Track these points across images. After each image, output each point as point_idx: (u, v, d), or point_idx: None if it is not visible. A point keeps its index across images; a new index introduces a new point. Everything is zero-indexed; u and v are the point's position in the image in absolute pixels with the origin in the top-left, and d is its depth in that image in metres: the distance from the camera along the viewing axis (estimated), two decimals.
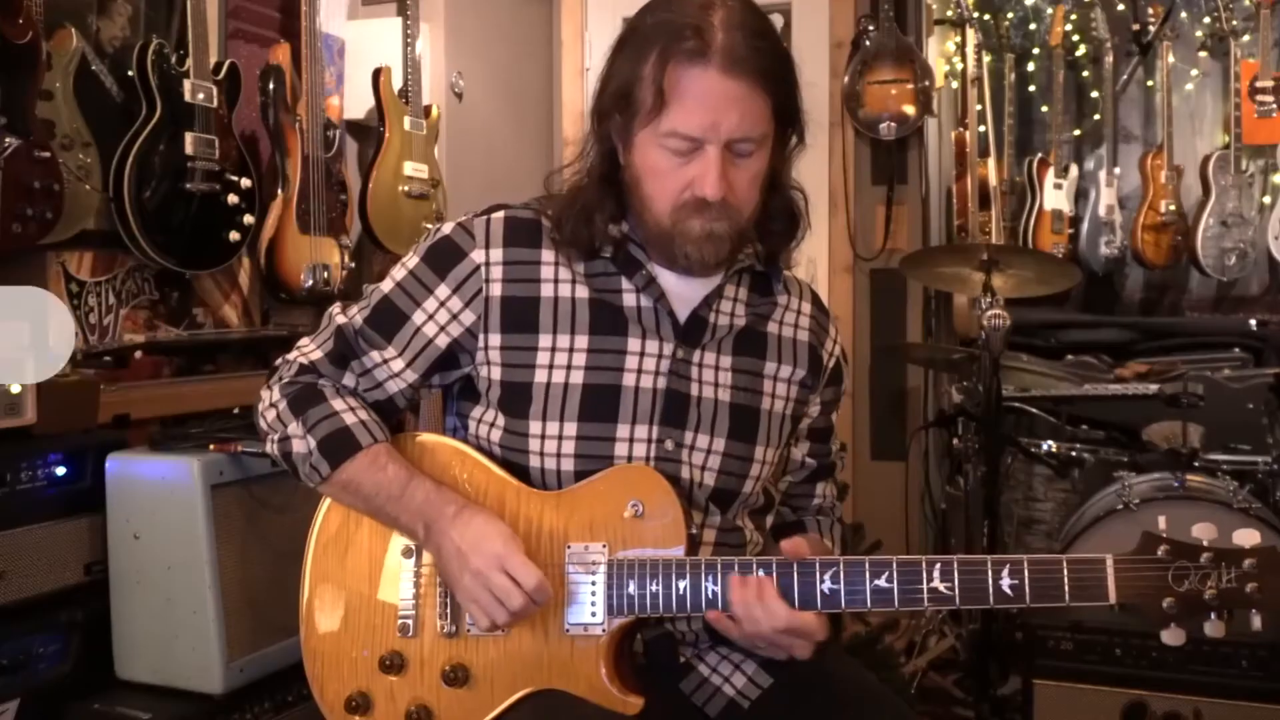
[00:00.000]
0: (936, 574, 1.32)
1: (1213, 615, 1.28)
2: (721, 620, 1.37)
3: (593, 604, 1.39)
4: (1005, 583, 1.30)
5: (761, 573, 1.35)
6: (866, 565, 1.33)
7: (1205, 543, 1.29)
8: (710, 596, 1.36)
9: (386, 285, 1.52)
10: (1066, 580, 1.29)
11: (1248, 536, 1.28)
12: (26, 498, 1.95)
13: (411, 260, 1.51)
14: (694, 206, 1.40)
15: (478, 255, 1.48)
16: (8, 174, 2.15)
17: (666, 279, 1.50)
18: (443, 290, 1.48)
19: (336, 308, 1.55)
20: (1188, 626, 1.28)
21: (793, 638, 1.35)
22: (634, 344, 1.47)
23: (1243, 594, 1.26)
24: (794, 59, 1.44)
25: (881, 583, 1.32)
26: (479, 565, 1.35)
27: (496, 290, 1.47)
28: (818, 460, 1.65)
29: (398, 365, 1.50)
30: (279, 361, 1.55)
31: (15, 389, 1.92)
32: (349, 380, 1.51)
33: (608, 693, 1.38)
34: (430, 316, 1.48)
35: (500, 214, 1.51)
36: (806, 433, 1.63)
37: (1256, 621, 1.27)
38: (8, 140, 2.15)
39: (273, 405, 1.49)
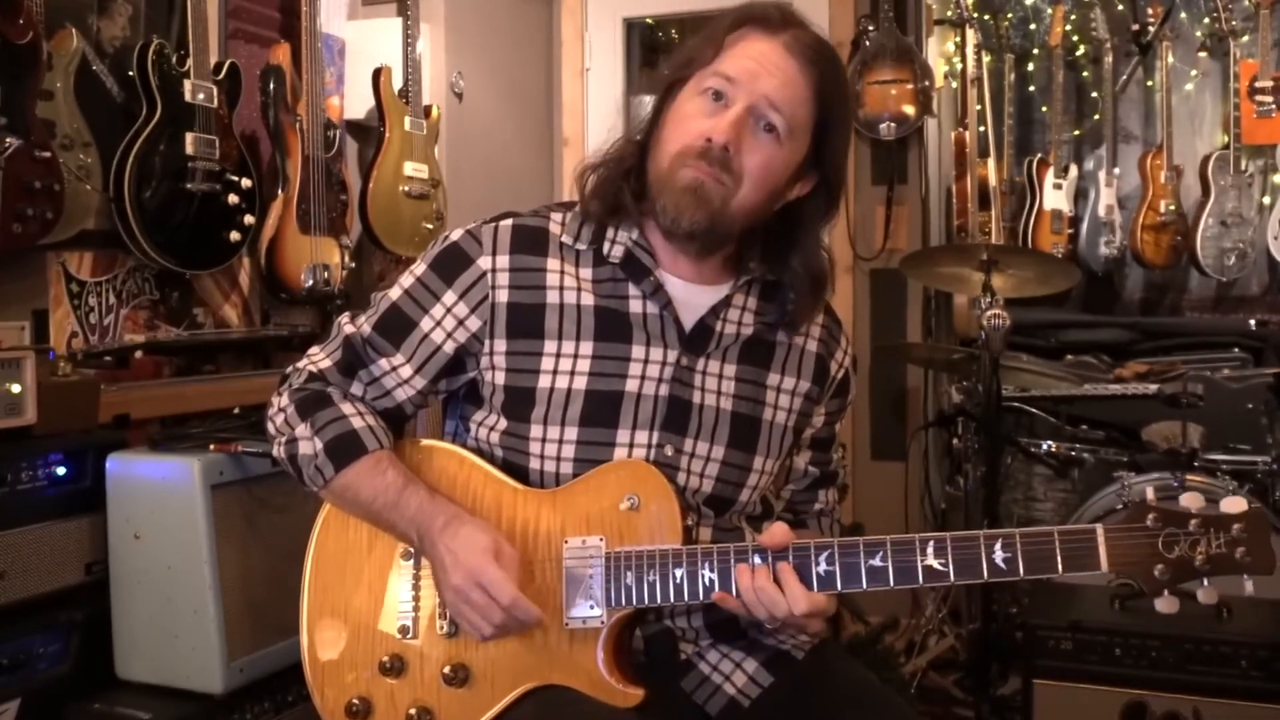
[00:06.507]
0: (930, 551, 1.32)
1: (1205, 581, 1.29)
2: (728, 600, 1.36)
3: (591, 597, 1.39)
4: (999, 556, 1.30)
5: (758, 560, 1.35)
6: (861, 545, 1.34)
7: (1193, 510, 1.30)
8: (707, 585, 1.36)
9: (395, 293, 1.53)
10: (1059, 550, 1.29)
11: (1235, 504, 1.30)
12: (26, 498, 1.95)
13: (419, 268, 1.52)
14: (695, 153, 1.41)
15: (484, 262, 1.48)
16: (8, 174, 2.15)
17: (674, 286, 1.50)
18: (450, 297, 1.49)
19: (345, 317, 1.56)
20: (1181, 594, 1.30)
21: (808, 618, 1.35)
22: (638, 351, 1.47)
23: (1233, 559, 1.28)
24: (851, 110, 1.48)
25: (876, 562, 1.33)
26: (457, 581, 1.36)
27: (503, 297, 1.47)
28: (820, 469, 1.66)
29: (406, 372, 1.51)
30: (289, 369, 1.56)
31: (15, 389, 1.92)
32: (356, 389, 1.52)
33: (607, 685, 1.38)
34: (438, 323, 1.49)
35: (508, 221, 1.52)
36: (810, 442, 1.63)
37: (1249, 586, 1.28)
38: (8, 140, 2.15)
39: (281, 410, 1.51)
